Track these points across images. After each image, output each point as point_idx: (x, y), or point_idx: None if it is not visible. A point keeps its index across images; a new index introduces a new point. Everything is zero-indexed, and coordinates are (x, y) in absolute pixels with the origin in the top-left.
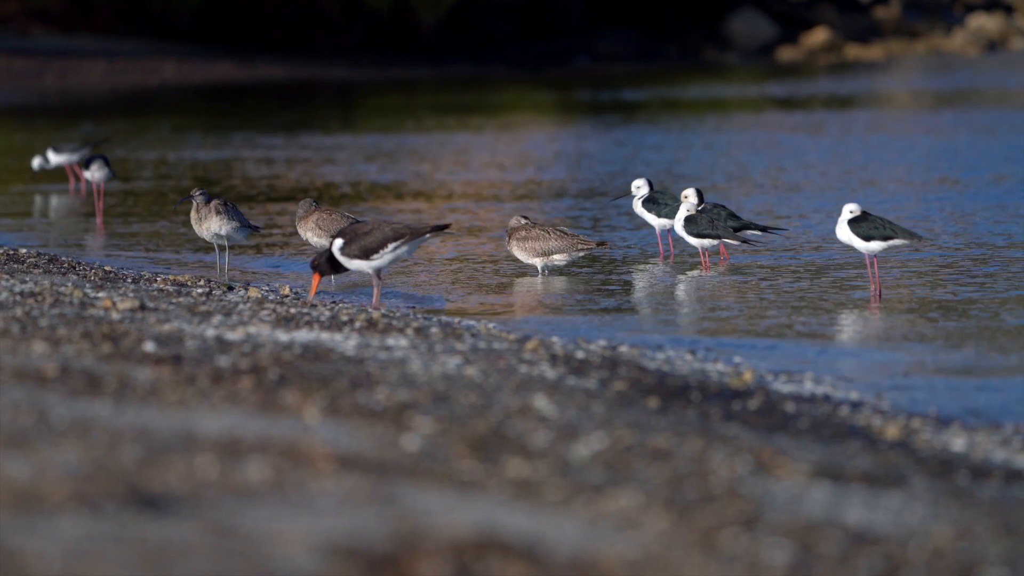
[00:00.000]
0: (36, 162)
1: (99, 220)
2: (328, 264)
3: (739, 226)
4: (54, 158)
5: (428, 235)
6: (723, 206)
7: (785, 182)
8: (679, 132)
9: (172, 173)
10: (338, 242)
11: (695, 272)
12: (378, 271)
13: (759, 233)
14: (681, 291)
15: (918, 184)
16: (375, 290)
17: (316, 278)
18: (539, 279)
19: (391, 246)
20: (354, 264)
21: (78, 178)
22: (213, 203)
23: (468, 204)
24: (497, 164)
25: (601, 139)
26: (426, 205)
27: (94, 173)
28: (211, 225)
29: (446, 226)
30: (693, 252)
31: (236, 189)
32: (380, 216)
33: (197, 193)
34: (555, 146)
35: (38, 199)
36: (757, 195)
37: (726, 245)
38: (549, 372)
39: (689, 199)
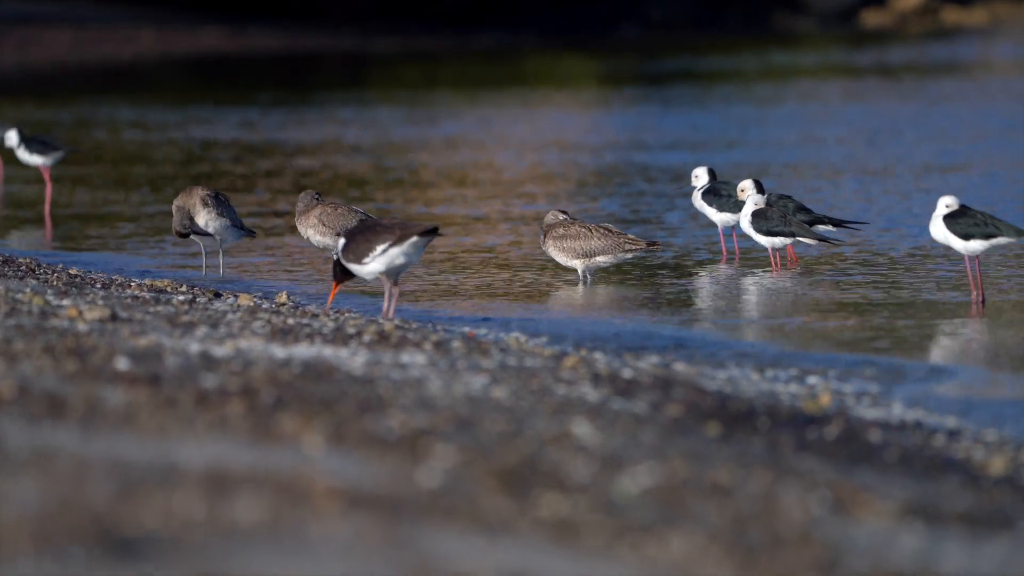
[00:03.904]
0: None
1: (47, 209)
2: (340, 271)
3: (811, 220)
4: (26, 156)
5: (415, 238)
6: (789, 197)
7: (867, 167)
8: (745, 110)
9: (150, 159)
10: (341, 242)
11: (763, 276)
12: (393, 277)
13: (833, 229)
14: (747, 299)
15: None
16: (389, 297)
17: (334, 286)
18: (579, 285)
19: (380, 248)
20: (351, 268)
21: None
22: (199, 192)
23: (497, 195)
24: (531, 148)
25: (653, 119)
26: (448, 196)
27: (41, 157)
28: (197, 220)
29: (435, 229)
30: (761, 252)
31: (226, 178)
32: (390, 213)
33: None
34: (598, 128)
35: None
36: (832, 181)
37: (797, 244)
38: (591, 393)
39: (747, 192)
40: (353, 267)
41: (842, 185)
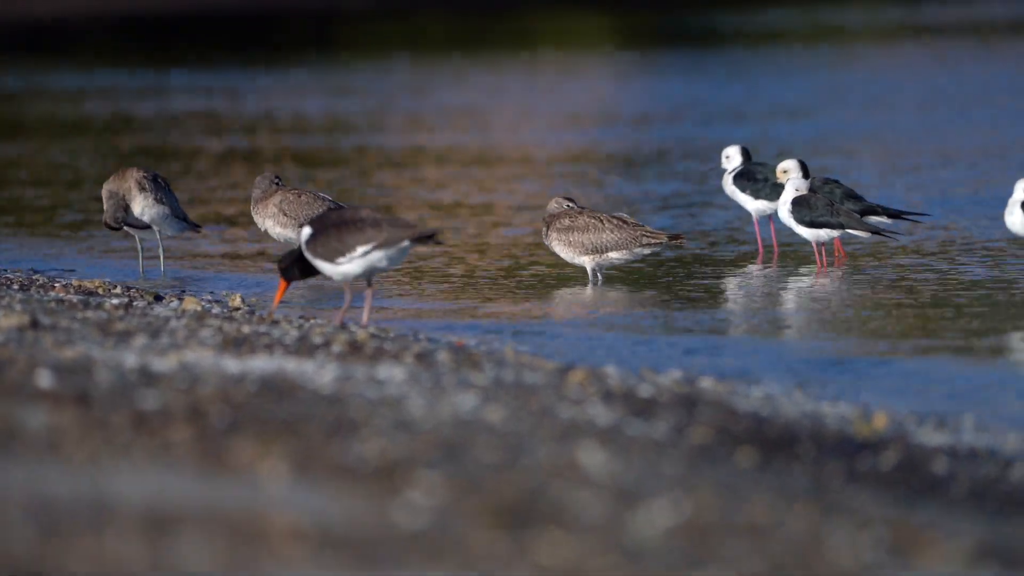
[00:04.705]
0: None
1: None
2: (297, 267)
3: (862, 209)
4: None
5: (407, 243)
6: (837, 181)
7: (927, 145)
8: (785, 75)
9: (79, 134)
10: (306, 232)
11: (806, 274)
12: (368, 278)
13: (888, 221)
14: (786, 302)
15: None
16: (348, 301)
17: (282, 284)
18: (588, 285)
19: (360, 250)
20: (318, 265)
21: None
22: (135, 175)
23: (490, 178)
24: (531, 122)
25: (681, 88)
26: (432, 181)
27: None
28: (133, 207)
29: (433, 234)
30: (804, 247)
31: (170, 159)
32: (363, 203)
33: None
34: (612, 97)
35: None
36: (887, 163)
37: (846, 237)
38: (602, 415)
39: (790, 174)
40: (321, 265)
41: (905, 167)
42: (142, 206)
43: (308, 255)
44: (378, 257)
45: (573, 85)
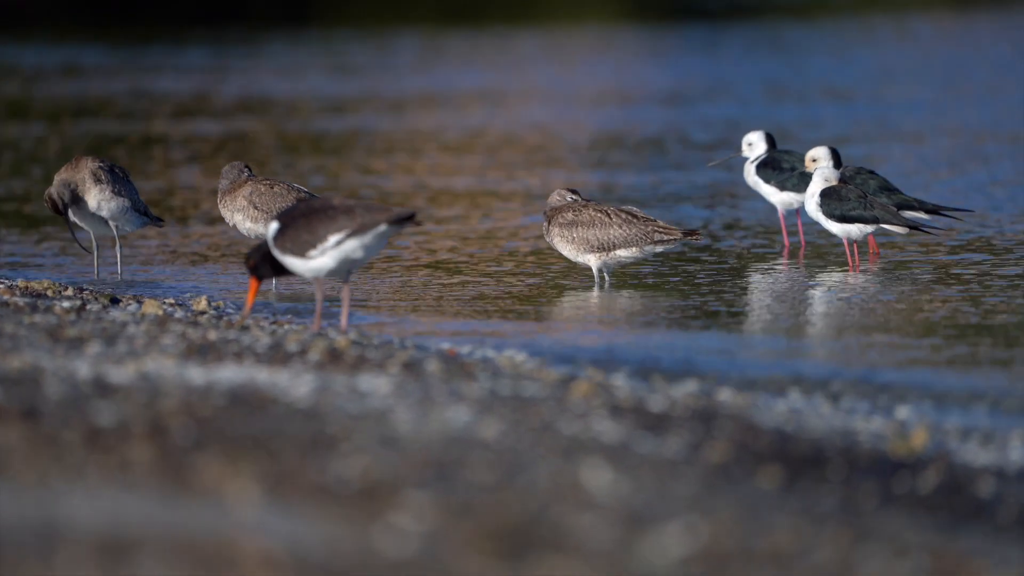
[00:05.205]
0: None
1: None
2: (268, 263)
3: (897, 203)
4: None
5: (384, 227)
6: (872, 172)
7: (972, 131)
8: (816, 54)
9: (26, 117)
10: (273, 227)
11: (836, 274)
12: (344, 274)
13: (926, 216)
14: (814, 304)
15: None
16: (342, 304)
17: (253, 284)
18: (594, 286)
19: (333, 239)
20: (288, 262)
21: None
22: (90, 165)
23: (485, 167)
24: (532, 104)
25: (695, 65)
26: (421, 170)
27: None
28: (88, 201)
29: (411, 216)
30: (835, 243)
31: (124, 147)
32: (338, 193)
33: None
34: (624, 76)
35: None
36: (926, 152)
37: (880, 233)
38: (609, 431)
39: (820, 163)
40: (291, 261)
41: (963, 157)
42: (98, 199)
43: (276, 252)
44: (353, 247)
45: (571, 64)
